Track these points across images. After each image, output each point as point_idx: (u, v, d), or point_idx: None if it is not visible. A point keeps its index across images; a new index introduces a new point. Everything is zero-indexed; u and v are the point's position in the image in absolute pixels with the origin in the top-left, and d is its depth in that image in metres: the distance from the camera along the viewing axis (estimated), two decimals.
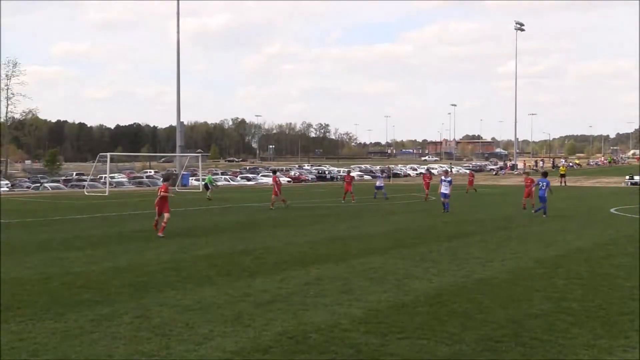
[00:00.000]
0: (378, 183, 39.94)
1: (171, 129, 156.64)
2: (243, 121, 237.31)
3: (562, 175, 60.45)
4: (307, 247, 15.83)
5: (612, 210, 28.45)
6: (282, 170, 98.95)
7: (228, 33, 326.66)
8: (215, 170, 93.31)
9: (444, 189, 26.95)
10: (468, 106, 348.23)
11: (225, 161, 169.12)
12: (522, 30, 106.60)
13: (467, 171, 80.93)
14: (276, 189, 30.72)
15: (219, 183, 58.05)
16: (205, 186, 42.19)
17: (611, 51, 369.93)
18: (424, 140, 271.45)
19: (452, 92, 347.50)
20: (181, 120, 65.43)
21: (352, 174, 43.36)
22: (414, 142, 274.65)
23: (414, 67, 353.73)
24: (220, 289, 10.45)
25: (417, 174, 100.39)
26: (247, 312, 8.78)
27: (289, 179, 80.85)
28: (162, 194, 18.44)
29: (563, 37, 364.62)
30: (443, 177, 28.16)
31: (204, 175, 51.47)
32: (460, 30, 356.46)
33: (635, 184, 62.50)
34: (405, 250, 15.21)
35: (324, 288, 10.50)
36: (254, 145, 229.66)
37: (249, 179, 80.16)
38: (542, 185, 24.86)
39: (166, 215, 18.16)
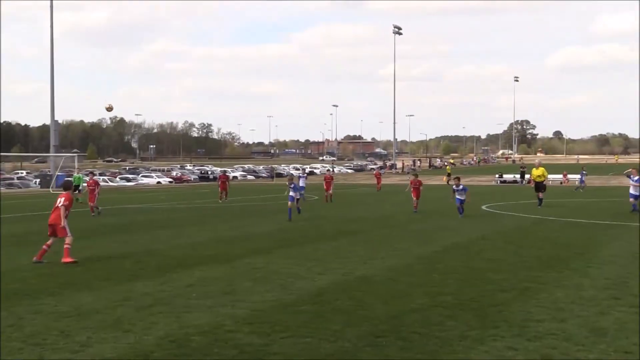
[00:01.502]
0: (301, 183, 37.34)
1: (45, 128, 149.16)
2: (122, 120, 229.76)
3: (449, 175, 64.27)
4: (190, 248, 15.59)
5: (483, 207, 29.98)
6: (163, 170, 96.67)
7: (109, 29, 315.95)
8: (94, 170, 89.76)
9: (292, 192, 24.66)
10: (350, 107, 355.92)
11: (104, 161, 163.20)
12: (400, 34, 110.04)
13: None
14: (96, 192, 27.44)
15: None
16: (75, 187, 38.31)
17: (486, 56, 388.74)
18: (307, 140, 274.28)
19: (335, 93, 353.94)
20: (55, 118, 62.53)
21: (227, 174, 43.01)
22: (297, 142, 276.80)
23: (299, 68, 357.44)
24: (99, 293, 10.10)
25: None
26: (127, 317, 8.54)
27: (171, 180, 79.24)
28: (63, 204, 13.68)
29: (440, 41, 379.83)
30: (287, 183, 25.84)
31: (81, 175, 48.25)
32: (344, 32, 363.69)
33: (504, 182, 66.29)
34: (290, 249, 15.31)
35: (207, 289, 10.39)
36: (134, 145, 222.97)
37: (128, 180, 77.84)
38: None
39: (68, 238, 13.52)
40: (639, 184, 25.15)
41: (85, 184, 40.16)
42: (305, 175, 42.24)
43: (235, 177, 78.81)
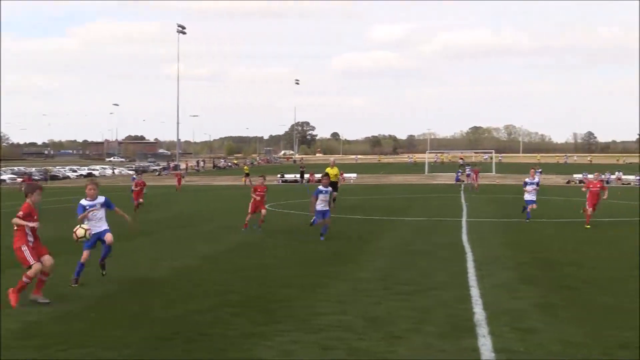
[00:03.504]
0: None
1: None
2: None
3: (247, 175, 65.81)
4: None
5: (266, 206, 30.60)
6: None
7: None
8: None
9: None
10: (132, 106, 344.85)
11: None
12: (184, 33, 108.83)
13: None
14: None
15: None
16: None
17: (269, 58, 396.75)
18: (85, 141, 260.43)
19: (116, 92, 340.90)
20: None
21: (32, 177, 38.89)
22: (74, 142, 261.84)
23: (78, 63, 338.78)
24: None
25: (77, 175, 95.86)
26: None
27: None
28: (24, 222, 9.36)
29: (225, 42, 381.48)
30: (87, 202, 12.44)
31: None
32: (127, 29, 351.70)
33: (286, 181, 68.57)
34: (71, 255, 14.43)
35: None
36: None
37: None
38: None
39: (37, 266, 9.25)
40: (537, 187, 23.03)
41: None
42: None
43: (4, 181, 72.52)
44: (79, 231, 10.49)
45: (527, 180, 22.91)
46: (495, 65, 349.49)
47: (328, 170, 29.66)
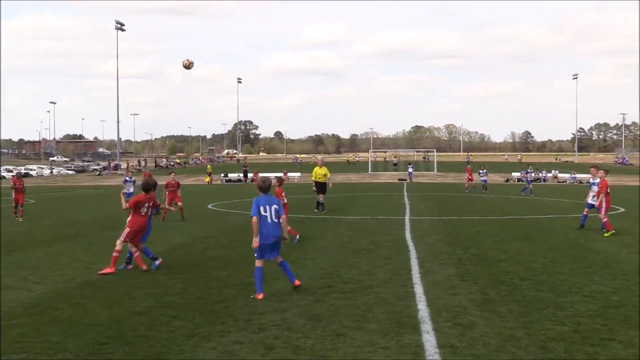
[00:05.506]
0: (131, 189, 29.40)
1: None
2: None
3: (210, 174, 66.43)
4: None
5: (209, 206, 30.38)
6: None
7: None
8: None
9: None
10: (69, 104, 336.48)
11: None
12: (123, 30, 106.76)
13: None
14: None
15: None
16: None
17: (203, 57, 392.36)
18: (21, 140, 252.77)
19: (51, 89, 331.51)
20: None
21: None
22: (9, 141, 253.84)
23: (6, 58, 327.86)
24: None
25: (12, 175, 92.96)
26: None
27: None
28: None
29: (159, 40, 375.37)
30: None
31: None
32: (58, 25, 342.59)
33: (230, 180, 68.31)
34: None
35: None
36: None
37: None
38: None
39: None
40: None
41: None
42: (133, 179, 27.16)
43: None
44: None
45: (591, 180, 19.38)
46: (429, 66, 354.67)
47: (317, 170, 26.42)
